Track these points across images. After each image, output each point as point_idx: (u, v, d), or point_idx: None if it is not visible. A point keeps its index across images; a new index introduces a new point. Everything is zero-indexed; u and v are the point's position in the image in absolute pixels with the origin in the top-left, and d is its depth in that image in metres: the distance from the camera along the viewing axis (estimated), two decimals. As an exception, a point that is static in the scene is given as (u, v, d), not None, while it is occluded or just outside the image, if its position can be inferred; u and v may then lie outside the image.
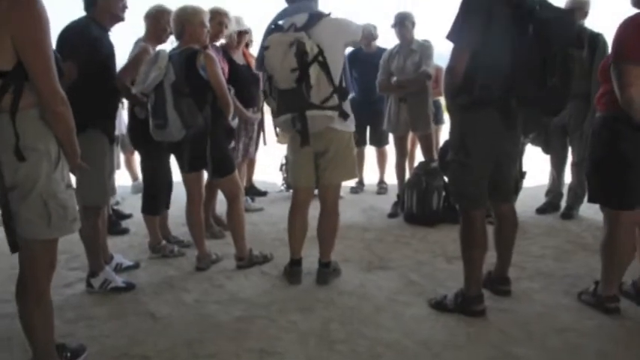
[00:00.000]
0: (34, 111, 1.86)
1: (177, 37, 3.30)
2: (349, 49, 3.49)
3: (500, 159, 2.67)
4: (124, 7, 3.07)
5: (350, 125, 3.05)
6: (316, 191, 3.29)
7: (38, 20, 1.79)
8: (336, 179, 3.17)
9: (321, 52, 2.77)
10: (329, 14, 2.92)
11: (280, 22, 2.95)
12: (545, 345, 2.48)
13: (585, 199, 3.04)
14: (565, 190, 4.79)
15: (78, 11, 3.03)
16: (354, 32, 3.00)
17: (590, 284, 2.89)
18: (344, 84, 2.95)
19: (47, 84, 1.83)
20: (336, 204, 3.23)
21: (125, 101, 3.87)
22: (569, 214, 4.59)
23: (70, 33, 2.89)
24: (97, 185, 2.97)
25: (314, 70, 2.76)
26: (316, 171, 3.14)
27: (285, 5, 3.05)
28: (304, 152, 3.07)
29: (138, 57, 3.40)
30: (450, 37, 2.50)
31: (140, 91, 3.27)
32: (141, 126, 3.44)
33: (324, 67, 2.79)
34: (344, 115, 2.93)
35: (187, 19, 3.23)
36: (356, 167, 3.26)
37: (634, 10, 2.51)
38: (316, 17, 2.87)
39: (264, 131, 4.99)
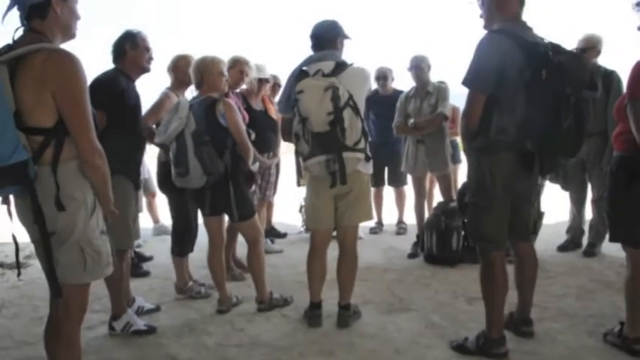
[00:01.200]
0: (73, 163, 1.96)
1: (197, 87, 3.43)
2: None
3: (518, 200, 2.69)
4: (150, 59, 3.23)
5: (369, 167, 3.12)
6: (334, 233, 3.32)
7: (78, 81, 1.92)
8: (355, 221, 3.21)
9: (351, 97, 2.88)
10: (352, 64, 3.04)
11: (305, 69, 3.05)
12: (571, 389, 2.44)
13: (607, 236, 3.02)
14: (586, 227, 4.74)
15: (107, 62, 3.22)
16: (370, 82, 3.15)
17: (616, 324, 2.85)
18: (365, 128, 3.04)
19: (87, 139, 1.95)
20: (354, 246, 3.26)
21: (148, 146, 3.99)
22: (591, 251, 4.54)
23: (100, 84, 3.03)
24: (123, 229, 3.04)
25: (347, 114, 2.85)
26: (335, 213, 3.19)
27: (310, 52, 3.18)
28: (324, 195, 3.12)
29: (159, 103, 3.58)
30: (465, 82, 2.57)
31: (162, 140, 3.38)
32: (168, 171, 3.53)
33: (356, 111, 2.89)
34: (367, 158, 3.01)
35: (206, 69, 3.35)
36: (372, 209, 3.31)
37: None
38: (342, 66, 2.98)
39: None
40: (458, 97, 3.97)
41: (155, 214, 6.09)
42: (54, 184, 1.90)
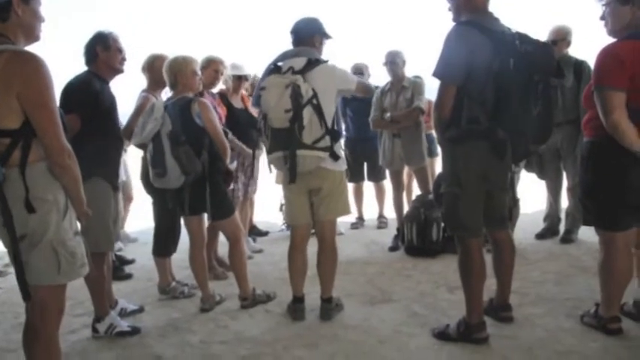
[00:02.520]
0: (41, 164, 1.95)
1: (171, 87, 3.42)
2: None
3: (492, 188, 2.74)
4: (123, 60, 3.21)
5: (341, 165, 3.14)
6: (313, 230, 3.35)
7: (43, 80, 1.90)
8: (331, 215, 3.23)
9: (315, 95, 2.90)
10: (326, 61, 3.08)
11: (280, 64, 3.09)
12: (550, 369, 2.49)
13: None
14: (563, 215, 4.84)
15: (79, 65, 3.18)
16: (348, 81, 3.15)
17: (592, 307, 2.92)
18: (336, 127, 3.07)
19: (54, 140, 1.93)
20: (333, 240, 3.28)
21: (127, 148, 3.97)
22: (568, 238, 4.63)
23: (73, 88, 3.02)
24: (103, 231, 3.04)
25: (307, 112, 2.88)
26: (311, 209, 3.22)
27: (288, 47, 3.20)
28: (299, 190, 3.16)
29: (140, 107, 3.57)
30: (435, 74, 2.62)
31: (138, 142, 3.38)
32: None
33: (317, 109, 2.91)
34: (334, 157, 3.03)
35: (179, 69, 3.35)
36: (349, 203, 3.34)
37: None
38: (314, 63, 3.01)
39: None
40: (434, 91, 4.02)
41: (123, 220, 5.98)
42: (23, 187, 1.89)
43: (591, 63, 4.28)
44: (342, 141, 3.74)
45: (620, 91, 2.47)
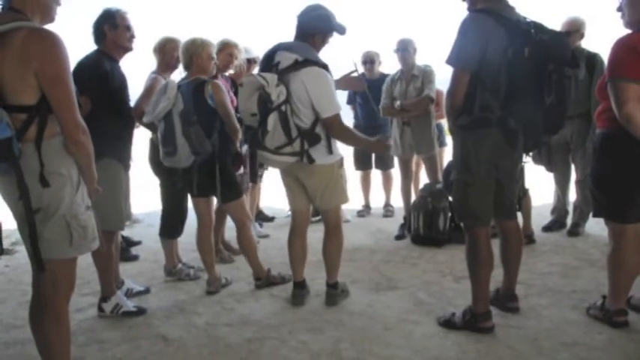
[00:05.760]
0: (57, 139, 1.98)
1: (186, 68, 3.42)
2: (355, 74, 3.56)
3: (503, 177, 2.73)
4: (132, 38, 3.18)
5: (330, 158, 3.04)
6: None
7: (60, 56, 1.93)
8: (327, 205, 3.20)
9: (286, 101, 2.84)
10: (316, 63, 2.91)
11: (277, 60, 2.95)
12: (555, 360, 2.49)
13: (591, 215, 3.08)
14: (570, 208, 4.82)
15: (89, 43, 3.17)
16: (322, 106, 2.89)
17: (599, 299, 2.91)
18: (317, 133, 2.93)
19: (70, 116, 1.96)
20: (336, 225, 3.27)
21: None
22: (576, 231, 4.61)
23: (83, 69, 3.00)
24: (114, 210, 3.06)
25: (272, 119, 2.82)
26: (308, 196, 3.22)
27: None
28: (290, 178, 3.18)
29: (150, 88, 3.57)
30: (449, 60, 2.60)
31: (150, 120, 3.37)
32: (159, 153, 3.52)
33: (283, 116, 2.84)
34: (309, 159, 2.93)
35: (195, 51, 3.34)
36: (346, 192, 3.22)
37: (627, 30, 2.59)
38: (302, 63, 2.89)
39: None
40: (443, 81, 3.99)
41: None
42: (38, 161, 1.91)
43: (604, 56, 4.29)
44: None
45: (635, 82, 2.44)
